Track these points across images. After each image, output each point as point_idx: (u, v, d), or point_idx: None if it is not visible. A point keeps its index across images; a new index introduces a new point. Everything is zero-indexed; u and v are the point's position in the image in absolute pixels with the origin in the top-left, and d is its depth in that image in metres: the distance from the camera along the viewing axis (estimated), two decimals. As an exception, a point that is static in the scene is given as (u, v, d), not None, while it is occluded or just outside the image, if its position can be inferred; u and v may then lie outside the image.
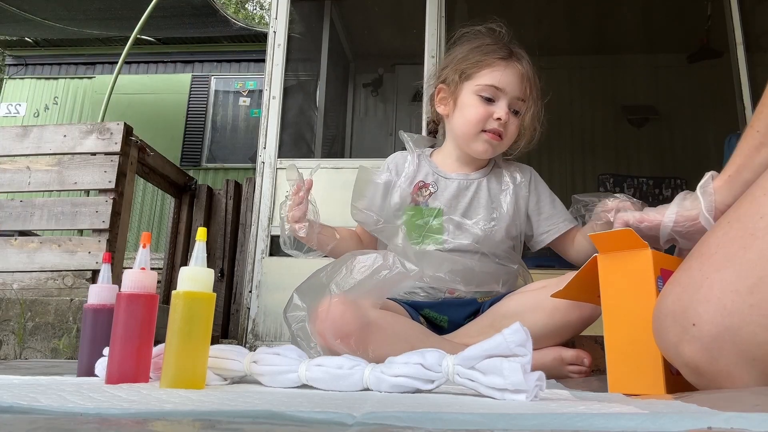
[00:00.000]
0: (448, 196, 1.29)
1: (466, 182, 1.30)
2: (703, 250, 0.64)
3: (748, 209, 0.62)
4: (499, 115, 1.22)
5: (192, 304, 0.68)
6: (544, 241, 1.32)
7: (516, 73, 1.24)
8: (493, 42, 1.29)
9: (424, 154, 1.38)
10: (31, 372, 1.01)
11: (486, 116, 1.24)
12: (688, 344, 0.60)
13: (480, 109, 1.24)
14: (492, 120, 1.24)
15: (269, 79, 2.78)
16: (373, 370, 0.68)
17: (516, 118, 1.26)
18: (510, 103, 1.24)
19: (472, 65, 1.27)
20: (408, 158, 1.36)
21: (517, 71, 1.25)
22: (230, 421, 0.43)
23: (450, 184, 1.30)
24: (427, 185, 1.31)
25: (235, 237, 2.98)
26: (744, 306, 0.57)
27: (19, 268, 2.26)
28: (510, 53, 1.27)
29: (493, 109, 1.24)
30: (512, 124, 1.25)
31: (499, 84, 1.23)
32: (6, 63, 6.69)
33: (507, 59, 1.25)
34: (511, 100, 1.24)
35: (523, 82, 1.25)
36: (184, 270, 0.70)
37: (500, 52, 1.26)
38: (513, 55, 1.27)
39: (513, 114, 1.25)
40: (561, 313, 1.11)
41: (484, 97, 1.24)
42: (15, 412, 0.46)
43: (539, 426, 0.40)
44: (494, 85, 1.23)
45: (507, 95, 1.24)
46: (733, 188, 0.75)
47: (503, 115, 1.22)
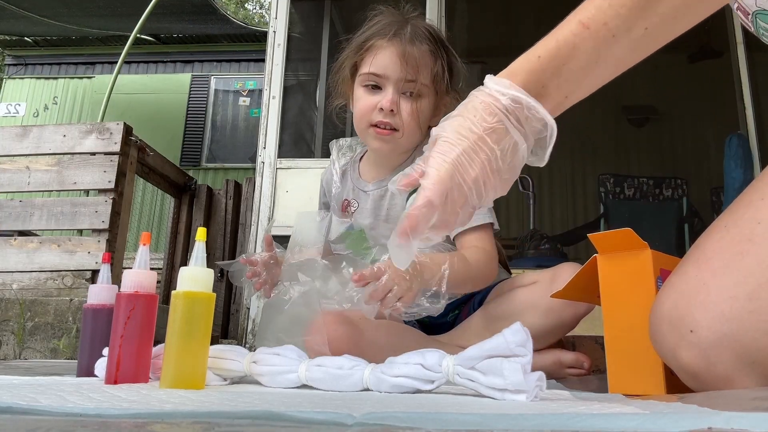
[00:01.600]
0: (367, 212, 1.20)
1: (381, 191, 1.19)
2: (699, 256, 0.64)
3: (745, 213, 0.62)
4: (382, 104, 1.08)
5: (192, 304, 0.68)
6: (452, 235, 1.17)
7: (397, 53, 1.08)
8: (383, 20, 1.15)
9: (353, 161, 1.28)
10: (30, 372, 1.01)
11: (371, 107, 1.11)
12: (685, 350, 0.60)
13: (364, 101, 1.12)
14: (377, 111, 1.10)
15: (269, 79, 2.78)
16: (373, 371, 0.68)
17: (413, 101, 1.10)
18: (398, 87, 1.09)
19: (357, 53, 1.14)
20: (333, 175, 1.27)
21: (397, 50, 1.08)
22: (230, 422, 0.43)
23: (367, 198, 1.21)
24: (350, 202, 1.23)
25: (235, 237, 2.98)
26: (743, 312, 0.57)
27: (19, 268, 2.26)
28: (395, 30, 1.11)
29: (377, 99, 1.10)
30: (406, 109, 1.09)
31: (377, 70, 1.09)
32: (6, 63, 6.70)
33: (390, 38, 1.10)
34: (398, 84, 1.09)
35: (409, 61, 1.08)
36: (184, 270, 0.70)
37: (381, 33, 1.11)
38: (398, 33, 1.10)
39: (409, 97, 1.10)
40: (556, 313, 1.08)
41: (369, 86, 1.12)
42: (15, 413, 0.45)
43: (539, 426, 0.40)
44: (374, 72, 1.10)
45: (390, 80, 1.09)
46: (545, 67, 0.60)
47: (385, 104, 1.08)
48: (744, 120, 2.69)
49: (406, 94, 1.11)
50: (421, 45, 1.10)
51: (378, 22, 1.15)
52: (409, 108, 1.10)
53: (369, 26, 1.16)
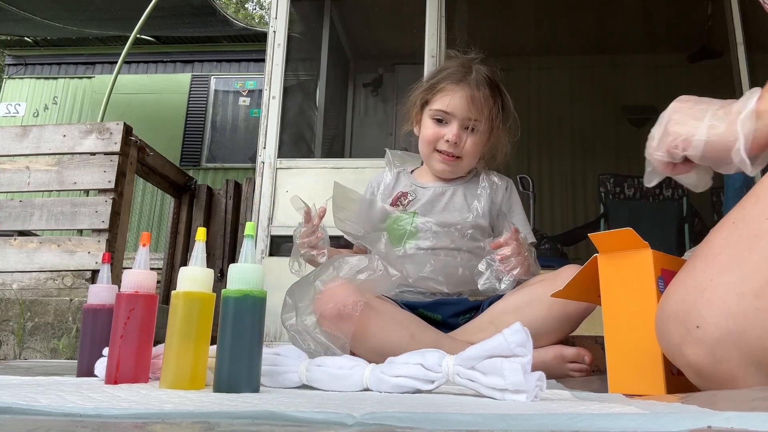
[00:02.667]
0: (425, 200, 1.38)
1: (442, 189, 1.40)
2: (707, 252, 0.63)
3: (753, 210, 0.61)
4: (447, 137, 1.33)
5: (192, 304, 0.68)
6: None
7: (465, 95, 1.32)
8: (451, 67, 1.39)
9: (405, 171, 1.48)
10: (30, 372, 1.01)
11: (436, 137, 1.35)
12: (691, 346, 0.60)
13: (431, 130, 1.36)
14: (442, 141, 1.34)
15: (269, 79, 2.78)
16: (373, 371, 0.68)
17: (475, 135, 1.34)
18: (462, 124, 1.33)
19: (429, 91, 1.38)
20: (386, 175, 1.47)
21: (466, 94, 1.32)
22: (230, 421, 0.43)
23: (426, 192, 1.40)
24: (406, 194, 1.41)
25: (235, 237, 2.98)
26: (749, 309, 0.57)
27: (19, 268, 2.26)
28: (461, 78, 1.35)
29: (444, 131, 1.34)
30: (469, 142, 1.34)
31: (447, 108, 1.33)
32: (6, 63, 6.69)
33: (458, 83, 1.34)
34: (463, 121, 1.33)
35: (474, 103, 1.32)
36: (184, 270, 0.70)
37: (452, 77, 1.36)
38: (464, 80, 1.35)
39: (470, 132, 1.34)
40: (560, 305, 1.12)
41: (437, 119, 1.35)
42: (14, 413, 0.45)
43: (539, 426, 0.40)
44: (443, 109, 1.34)
45: (456, 118, 1.33)
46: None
47: (451, 137, 1.32)
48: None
49: (467, 129, 1.34)
50: (484, 90, 1.34)
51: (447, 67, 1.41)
52: (470, 141, 1.35)
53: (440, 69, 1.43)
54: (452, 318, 1.26)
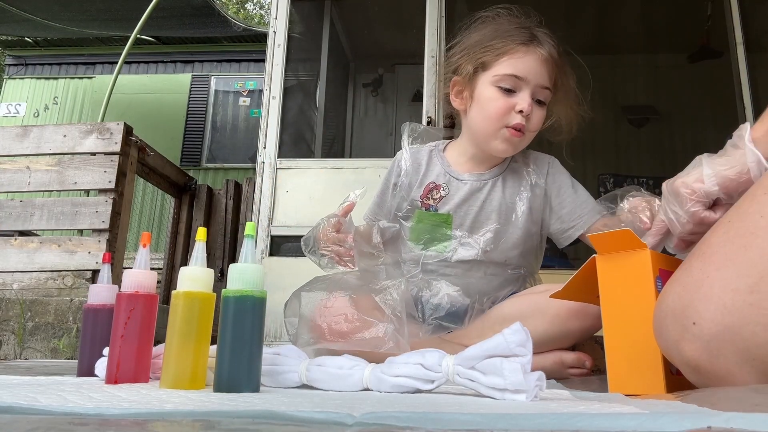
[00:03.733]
0: (458, 199, 1.20)
1: (479, 183, 1.21)
2: (704, 249, 0.64)
3: (749, 208, 0.62)
4: (522, 107, 1.11)
5: (192, 304, 0.68)
6: (570, 237, 1.22)
7: (537, 58, 1.12)
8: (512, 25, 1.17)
9: (437, 149, 1.28)
10: (31, 372, 1.01)
11: (507, 109, 1.12)
12: (688, 343, 0.60)
13: (500, 102, 1.12)
14: (514, 113, 1.12)
15: (269, 79, 2.78)
16: (373, 370, 0.68)
17: (540, 108, 1.15)
18: (533, 92, 1.13)
19: (489, 53, 1.15)
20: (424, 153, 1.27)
21: (539, 56, 1.13)
22: (230, 421, 0.43)
23: (462, 186, 1.21)
24: (439, 187, 1.22)
25: (235, 237, 2.98)
26: (744, 305, 0.57)
27: (19, 268, 2.26)
28: (531, 37, 1.15)
29: (514, 101, 1.12)
30: (536, 115, 1.14)
31: (519, 72, 1.12)
32: (6, 63, 6.70)
33: (527, 44, 1.13)
34: (534, 89, 1.13)
35: (546, 68, 1.13)
36: (184, 270, 0.70)
37: (519, 37, 1.14)
38: (534, 39, 1.14)
39: (537, 104, 1.14)
40: (561, 321, 1.09)
41: (503, 88, 1.13)
42: (15, 412, 0.46)
43: (539, 426, 0.40)
44: (514, 74, 1.12)
45: (529, 84, 1.12)
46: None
47: (526, 107, 1.11)
48: (744, 120, 2.69)
49: (536, 101, 1.14)
50: (554, 54, 1.15)
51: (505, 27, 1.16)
52: (538, 113, 1.14)
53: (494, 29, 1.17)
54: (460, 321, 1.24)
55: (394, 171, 1.30)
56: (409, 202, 1.23)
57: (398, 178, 1.27)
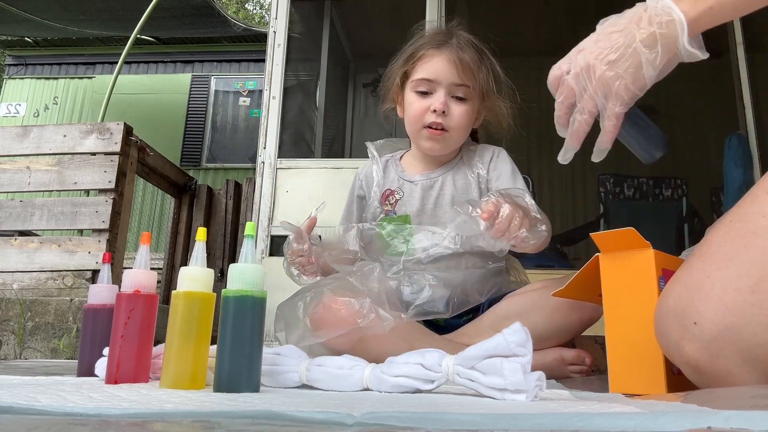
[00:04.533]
0: (414, 200, 1.27)
1: (430, 182, 1.27)
2: (705, 249, 0.64)
3: (750, 208, 0.62)
4: (434, 107, 1.19)
5: (192, 304, 0.68)
6: None
7: (447, 59, 1.20)
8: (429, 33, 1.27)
9: (393, 158, 1.36)
10: (31, 372, 1.01)
11: (423, 110, 1.21)
12: (689, 343, 0.60)
13: (416, 105, 1.22)
14: (429, 113, 1.20)
15: (269, 79, 2.78)
16: (373, 370, 0.68)
17: (461, 104, 1.21)
18: (448, 91, 1.20)
19: (408, 63, 1.25)
20: (373, 168, 1.35)
21: (448, 57, 1.20)
22: (230, 421, 0.43)
23: (414, 187, 1.28)
24: (393, 192, 1.29)
25: (235, 237, 2.98)
26: (745, 305, 0.57)
27: (19, 268, 2.26)
28: (441, 41, 1.22)
29: (429, 102, 1.20)
30: (455, 111, 1.20)
31: (430, 75, 1.20)
32: (6, 63, 6.70)
33: (437, 47, 1.21)
34: (449, 87, 1.20)
35: (458, 67, 1.19)
36: (184, 270, 0.70)
37: (431, 43, 1.23)
38: (446, 42, 1.22)
39: (457, 101, 1.21)
40: (561, 315, 1.10)
41: (419, 91, 1.22)
42: (15, 412, 0.45)
43: (539, 426, 0.40)
44: (425, 77, 1.21)
45: (441, 84, 1.20)
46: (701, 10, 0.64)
47: (438, 105, 1.18)
48: (744, 120, 2.69)
49: (454, 98, 1.21)
50: (469, 52, 1.21)
51: (424, 35, 1.28)
52: (459, 109, 1.21)
53: (416, 39, 1.28)
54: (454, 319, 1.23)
55: (356, 185, 1.38)
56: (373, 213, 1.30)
57: (360, 190, 1.36)
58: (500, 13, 3.99)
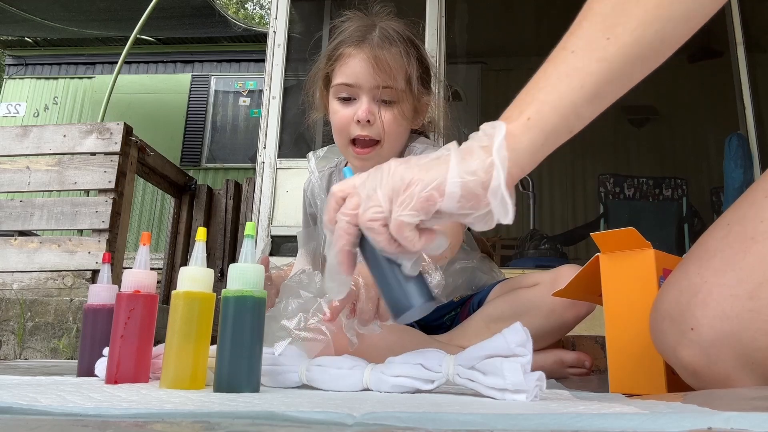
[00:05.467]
0: None
1: None
2: (701, 254, 0.63)
3: (748, 212, 0.61)
4: (358, 117, 1.02)
5: (192, 304, 0.68)
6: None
7: (365, 59, 1.02)
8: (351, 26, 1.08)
9: (337, 168, 1.24)
10: (31, 372, 1.01)
11: (347, 121, 1.05)
12: (686, 348, 0.60)
13: (339, 114, 1.06)
14: (354, 125, 1.04)
15: (269, 79, 2.78)
16: (373, 370, 0.68)
17: (390, 107, 1.04)
18: (373, 96, 1.03)
19: (328, 64, 1.08)
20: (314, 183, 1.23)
21: (368, 56, 1.02)
22: (230, 421, 0.43)
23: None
24: None
25: (235, 237, 2.98)
26: (744, 311, 0.57)
27: (19, 268, 2.26)
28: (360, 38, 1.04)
29: (352, 111, 1.04)
30: (384, 117, 1.03)
31: (349, 80, 1.03)
32: (6, 63, 6.70)
33: (356, 46, 1.04)
34: (373, 91, 1.03)
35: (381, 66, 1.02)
36: (184, 270, 0.70)
37: (349, 40, 1.05)
38: (363, 40, 1.04)
39: (385, 105, 1.04)
40: (557, 315, 1.09)
41: (342, 98, 1.06)
42: (15, 413, 0.45)
43: (539, 426, 0.40)
44: (344, 82, 1.04)
45: (363, 89, 1.03)
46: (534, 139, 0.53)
47: (362, 115, 1.02)
48: (744, 120, 2.69)
49: (383, 102, 1.04)
50: (391, 47, 1.04)
51: (346, 29, 1.08)
52: (388, 116, 1.04)
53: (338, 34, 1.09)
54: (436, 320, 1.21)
55: (306, 202, 1.29)
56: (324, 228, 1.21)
57: (310, 207, 1.27)
58: (500, 13, 3.99)
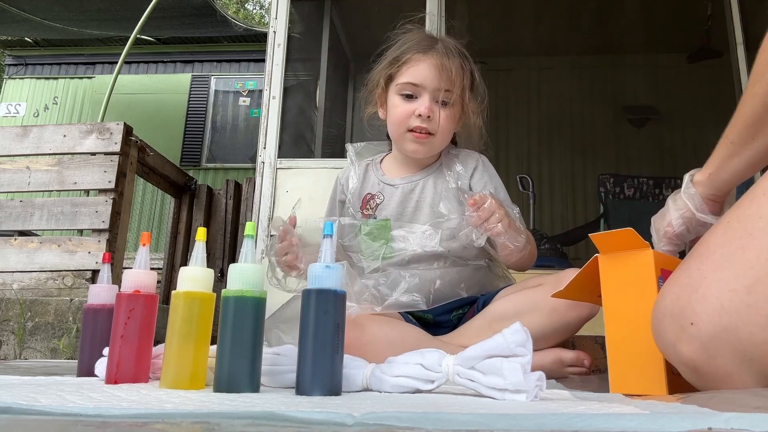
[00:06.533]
0: (394, 203, 1.27)
1: (411, 185, 1.28)
2: (702, 250, 0.64)
3: (747, 209, 0.62)
4: (420, 111, 1.20)
5: (192, 304, 0.68)
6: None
7: (433, 65, 1.21)
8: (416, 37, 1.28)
9: (373, 162, 1.37)
10: (31, 372, 1.01)
11: (408, 114, 1.22)
12: (686, 343, 0.60)
13: (400, 109, 1.23)
14: (414, 117, 1.21)
15: (269, 79, 2.78)
16: (374, 371, 0.68)
17: (446, 108, 1.23)
18: (433, 96, 1.21)
19: (393, 66, 1.26)
20: (351, 173, 1.35)
21: (435, 62, 1.21)
22: (230, 421, 0.43)
23: (395, 191, 1.28)
24: (374, 196, 1.30)
25: (235, 237, 2.98)
26: (741, 305, 0.57)
27: (19, 268, 2.26)
28: (428, 46, 1.24)
29: (414, 106, 1.21)
30: (441, 116, 1.22)
31: (415, 80, 1.22)
32: (6, 63, 6.70)
33: (424, 52, 1.23)
34: (434, 93, 1.21)
35: (443, 72, 1.21)
36: (184, 270, 0.70)
37: (417, 47, 1.24)
38: (432, 47, 1.24)
39: (442, 105, 1.22)
40: (559, 314, 1.10)
41: (404, 95, 1.23)
42: (15, 413, 0.45)
43: (539, 426, 0.40)
44: (411, 81, 1.22)
45: (427, 89, 1.21)
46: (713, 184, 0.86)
47: (423, 110, 1.20)
48: (744, 120, 2.68)
49: (439, 103, 1.22)
50: (454, 58, 1.22)
51: (410, 39, 1.28)
52: (444, 114, 1.22)
53: (402, 42, 1.28)
54: (443, 315, 1.23)
55: (338, 189, 1.38)
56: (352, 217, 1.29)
57: (342, 195, 1.35)
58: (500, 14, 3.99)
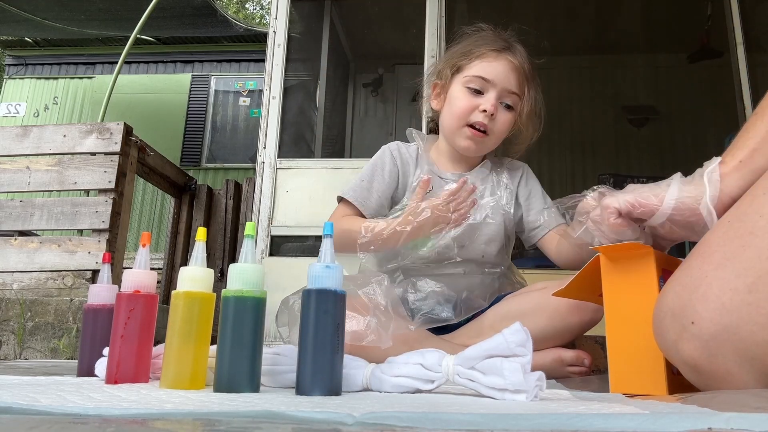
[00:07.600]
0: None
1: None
2: (703, 249, 0.64)
3: (749, 208, 0.62)
4: (485, 107, 1.16)
5: (192, 304, 0.68)
6: (535, 237, 1.27)
7: (507, 64, 1.18)
8: (489, 36, 1.25)
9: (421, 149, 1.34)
10: (31, 372, 1.01)
11: (471, 108, 1.18)
12: (687, 342, 0.60)
13: (465, 101, 1.18)
14: (477, 112, 1.17)
15: (269, 79, 2.78)
16: (374, 371, 0.68)
17: (508, 112, 1.20)
18: (500, 95, 1.18)
19: (464, 58, 1.22)
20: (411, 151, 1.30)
21: (509, 63, 1.19)
22: (230, 421, 0.43)
23: (444, 184, 1.24)
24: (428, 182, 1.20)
25: (235, 237, 2.98)
26: (742, 304, 0.57)
27: (19, 268, 2.26)
28: (505, 45, 1.22)
29: (479, 101, 1.17)
30: (502, 118, 1.19)
31: (487, 75, 1.17)
32: (6, 63, 6.70)
33: (499, 50, 1.20)
34: (502, 92, 1.18)
35: (515, 75, 1.18)
36: (184, 270, 0.70)
37: (493, 44, 1.21)
38: (508, 48, 1.21)
39: (505, 108, 1.20)
40: (561, 316, 1.10)
41: (472, 88, 1.19)
42: (15, 413, 0.45)
43: (539, 426, 0.40)
44: (482, 75, 1.18)
45: (496, 87, 1.18)
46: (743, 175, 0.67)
47: (489, 107, 1.16)
48: (744, 120, 2.68)
49: (501, 104, 1.19)
50: (526, 64, 1.21)
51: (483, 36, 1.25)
52: (504, 116, 1.19)
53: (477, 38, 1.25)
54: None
55: (386, 158, 1.29)
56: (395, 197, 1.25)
57: (394, 166, 1.28)
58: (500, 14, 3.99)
